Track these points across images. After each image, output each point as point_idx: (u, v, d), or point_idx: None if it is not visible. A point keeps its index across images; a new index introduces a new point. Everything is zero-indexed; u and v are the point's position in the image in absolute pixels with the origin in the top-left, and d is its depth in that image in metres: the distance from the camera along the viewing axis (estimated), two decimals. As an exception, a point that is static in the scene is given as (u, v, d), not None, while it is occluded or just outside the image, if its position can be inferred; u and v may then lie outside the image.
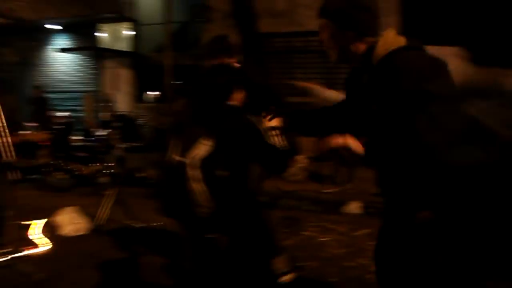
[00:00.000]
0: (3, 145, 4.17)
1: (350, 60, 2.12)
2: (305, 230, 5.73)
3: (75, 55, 16.32)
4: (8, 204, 4.62)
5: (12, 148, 4.21)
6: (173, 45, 9.94)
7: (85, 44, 15.68)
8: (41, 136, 4.75)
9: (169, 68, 9.44)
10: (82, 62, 16.33)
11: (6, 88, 13.71)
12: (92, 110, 15.33)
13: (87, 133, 11.44)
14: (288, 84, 6.43)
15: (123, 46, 15.13)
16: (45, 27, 16.36)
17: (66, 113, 14.15)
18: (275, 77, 9.90)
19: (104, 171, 8.46)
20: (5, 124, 4.24)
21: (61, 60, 16.74)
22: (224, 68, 2.93)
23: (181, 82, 10.34)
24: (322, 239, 5.42)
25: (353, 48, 2.06)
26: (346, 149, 1.80)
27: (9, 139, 4.22)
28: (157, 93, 14.17)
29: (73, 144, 10.57)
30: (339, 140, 1.81)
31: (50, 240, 5.10)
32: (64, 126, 12.66)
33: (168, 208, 2.73)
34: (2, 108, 4.30)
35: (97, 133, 9.68)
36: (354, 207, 6.64)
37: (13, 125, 4.44)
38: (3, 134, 4.21)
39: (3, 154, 4.15)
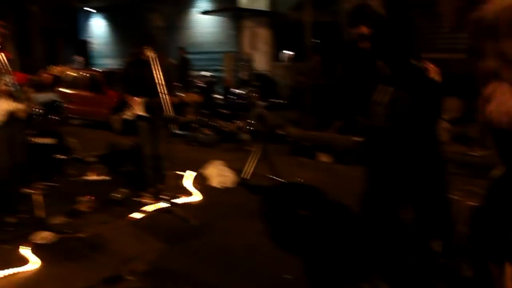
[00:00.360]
0: (164, 102, 4.52)
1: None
2: (451, 193, 5.42)
3: (215, 17, 16.98)
4: (166, 155, 5.06)
5: (170, 105, 4.56)
6: (312, 2, 9.78)
7: (225, 5, 16.17)
8: (194, 97, 5.04)
9: (308, 26, 9.33)
10: (222, 23, 16.94)
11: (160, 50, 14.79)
12: (231, 69, 15.93)
13: (228, 92, 11.94)
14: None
15: (262, 6, 15.31)
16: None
17: (208, 73, 14.92)
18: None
19: (245, 128, 8.83)
20: (163, 83, 4.59)
21: (202, 22, 17.54)
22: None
23: (319, 40, 10.22)
24: (469, 203, 5.09)
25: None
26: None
27: (167, 97, 4.57)
28: (292, 52, 14.24)
29: (216, 102, 11.12)
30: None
31: (200, 190, 5.53)
32: (206, 85, 13.39)
33: None
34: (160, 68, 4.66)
35: (238, 92, 10.07)
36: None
37: (168, 85, 4.78)
38: (163, 91, 4.57)
39: (164, 110, 4.51)
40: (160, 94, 4.61)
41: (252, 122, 9.10)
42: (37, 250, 3.80)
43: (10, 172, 4.27)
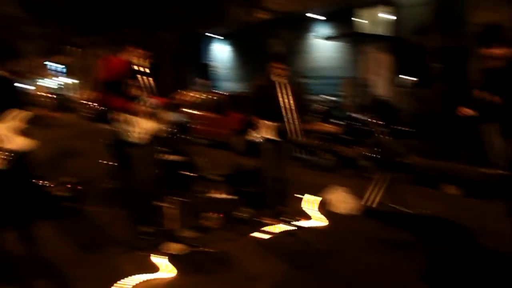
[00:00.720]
0: (292, 126, 4.63)
1: None
2: None
3: (335, 42, 17.05)
4: (288, 178, 5.16)
5: (299, 129, 4.66)
6: (437, 26, 9.42)
7: (344, 30, 16.18)
8: (334, 129, 5.10)
9: (432, 51, 8.98)
10: (341, 48, 16.96)
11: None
12: (351, 95, 15.82)
13: (348, 117, 11.85)
14: None
15: (382, 31, 15.08)
16: (308, 17, 17.51)
17: (326, 98, 14.96)
18: None
19: (366, 155, 8.68)
20: (292, 107, 4.72)
21: (321, 47, 17.71)
22: None
23: (443, 65, 9.78)
24: None
25: None
26: None
27: (296, 121, 4.67)
28: (415, 78, 13.77)
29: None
30: None
31: (323, 215, 5.52)
32: (325, 111, 13.42)
33: None
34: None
35: (358, 117, 9.95)
36: None
37: (298, 109, 4.91)
38: (291, 115, 4.69)
39: (292, 134, 4.61)
40: (287, 118, 4.74)
41: (373, 149, 8.92)
42: (171, 260, 4.07)
43: (148, 185, 4.64)
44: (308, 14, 17.23)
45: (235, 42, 22.62)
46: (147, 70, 4.52)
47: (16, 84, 4.67)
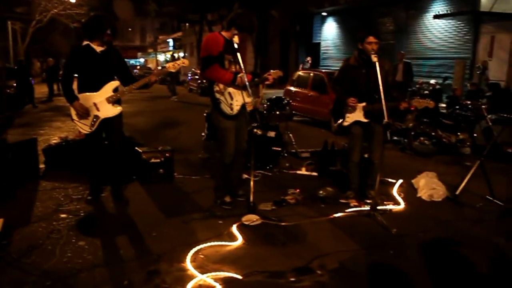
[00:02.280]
0: (384, 108, 4.44)
1: None
2: None
3: (450, 21, 15.94)
4: (379, 161, 5.01)
5: (387, 111, 4.47)
6: None
7: (462, 8, 15.05)
8: (427, 103, 4.78)
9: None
10: (456, 27, 15.82)
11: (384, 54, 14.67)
12: (462, 77, 14.79)
13: (454, 101, 11.12)
14: None
15: (506, 9, 13.74)
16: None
17: (434, 80, 14.14)
18: None
19: (468, 142, 8.12)
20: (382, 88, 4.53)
21: (435, 26, 16.66)
22: None
23: None
24: None
25: None
26: None
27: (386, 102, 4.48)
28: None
29: (439, 111, 10.47)
30: None
31: (404, 200, 5.31)
32: (430, 93, 12.70)
33: None
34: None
35: (465, 102, 9.32)
36: None
37: (388, 90, 4.71)
38: (383, 96, 4.50)
39: (384, 116, 4.44)
40: (380, 99, 4.57)
41: (476, 135, 8.31)
42: (242, 229, 4.20)
43: (235, 157, 4.79)
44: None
45: (345, 20, 22.13)
46: (247, 49, 4.63)
47: (125, 59, 5.09)
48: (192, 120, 12.12)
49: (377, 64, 4.69)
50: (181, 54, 47.96)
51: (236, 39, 4.53)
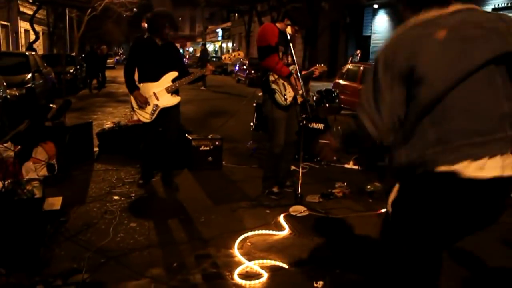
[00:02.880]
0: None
1: None
2: None
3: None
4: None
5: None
6: None
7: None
8: None
9: None
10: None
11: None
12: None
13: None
14: None
15: None
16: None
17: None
18: None
19: None
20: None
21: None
22: None
23: None
24: None
25: None
26: None
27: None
28: None
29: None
30: None
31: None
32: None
33: None
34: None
35: None
36: None
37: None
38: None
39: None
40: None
41: None
42: (289, 219, 4.23)
43: (285, 148, 4.82)
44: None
45: (397, 13, 21.57)
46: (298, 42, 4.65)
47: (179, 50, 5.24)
48: (239, 110, 12.21)
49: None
50: (230, 44, 48.34)
51: (289, 30, 4.54)
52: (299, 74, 4.56)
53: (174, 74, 4.83)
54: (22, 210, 3.45)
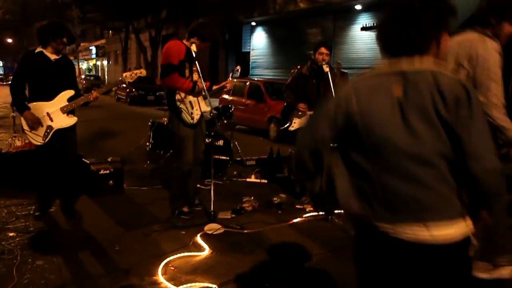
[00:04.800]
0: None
1: None
2: None
3: (375, 33, 16.82)
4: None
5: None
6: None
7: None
8: None
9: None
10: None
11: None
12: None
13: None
14: None
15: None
16: (349, 7, 17.29)
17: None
18: None
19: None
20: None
21: (362, 38, 17.49)
22: None
23: None
24: None
25: None
26: None
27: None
28: None
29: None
30: None
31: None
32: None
33: None
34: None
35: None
36: None
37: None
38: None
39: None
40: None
41: None
42: (207, 239, 4.18)
43: (192, 167, 4.74)
44: (349, 4, 17.02)
45: (275, 30, 22.56)
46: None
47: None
48: (127, 130, 11.81)
49: (329, 74, 4.88)
50: (105, 62, 46.55)
51: (193, 47, 4.52)
52: (207, 91, 4.55)
53: (70, 92, 4.51)
54: None
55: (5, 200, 5.26)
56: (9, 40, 57.40)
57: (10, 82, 4.61)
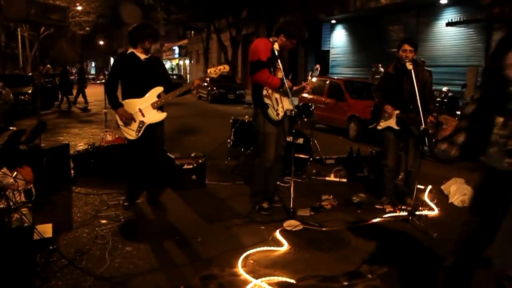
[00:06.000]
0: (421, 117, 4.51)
1: None
2: None
3: (461, 29, 15.99)
4: (414, 169, 5.06)
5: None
6: None
7: (474, 16, 15.10)
8: (452, 121, 4.84)
9: None
10: (468, 35, 15.87)
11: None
12: (474, 84, 14.82)
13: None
14: None
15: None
16: (433, 2, 16.58)
17: (446, 88, 14.15)
18: None
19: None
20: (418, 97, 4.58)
21: (447, 34, 16.71)
22: None
23: None
24: None
25: None
26: None
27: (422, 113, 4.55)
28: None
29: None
30: None
31: (437, 205, 5.35)
32: (446, 101, 12.73)
33: None
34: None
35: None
36: None
37: (424, 100, 4.76)
38: (419, 106, 4.55)
39: (422, 124, 4.50)
40: (414, 109, 4.64)
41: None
42: (286, 235, 4.22)
43: (273, 163, 4.82)
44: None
45: (355, 27, 22.18)
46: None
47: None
48: (208, 127, 12.18)
49: (412, 72, 4.73)
50: (187, 62, 48.15)
51: (276, 45, 4.58)
52: (288, 91, 4.61)
53: (159, 89, 4.75)
54: (13, 240, 3.28)
55: (98, 189, 5.63)
56: (101, 42, 61.19)
57: (103, 81, 4.94)
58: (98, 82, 31.43)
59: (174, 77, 35.82)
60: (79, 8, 27.83)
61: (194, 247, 3.97)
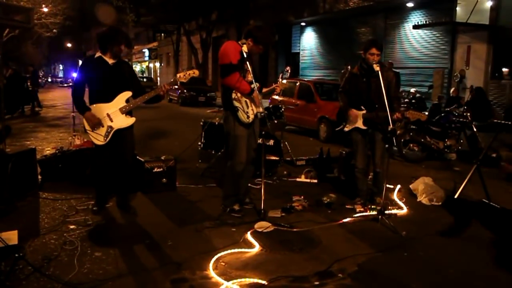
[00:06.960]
0: (388, 116, 4.60)
1: None
2: None
3: (428, 32, 16.36)
4: (382, 169, 5.16)
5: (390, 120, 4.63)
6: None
7: (440, 19, 15.47)
8: (420, 116, 4.95)
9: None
10: (434, 37, 16.25)
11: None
12: (441, 86, 15.19)
13: (438, 109, 11.43)
14: None
15: (481, 19, 14.19)
16: (400, 5, 16.92)
17: (414, 89, 14.44)
18: None
19: (454, 147, 8.36)
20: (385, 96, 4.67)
21: (413, 36, 17.07)
22: None
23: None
24: None
25: None
26: None
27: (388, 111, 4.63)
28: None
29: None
30: None
31: (406, 204, 5.46)
32: (414, 101, 13.01)
33: None
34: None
35: (449, 109, 9.59)
36: None
37: (389, 99, 4.85)
38: (385, 105, 4.64)
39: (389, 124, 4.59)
40: (380, 107, 4.73)
41: (462, 141, 8.56)
42: (257, 236, 4.23)
43: (245, 166, 4.82)
44: (401, 1, 16.66)
45: (324, 30, 22.41)
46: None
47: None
48: (179, 130, 12.12)
49: (379, 73, 4.82)
50: (157, 64, 47.74)
51: (244, 48, 4.59)
52: (258, 92, 4.63)
53: (127, 94, 4.69)
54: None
55: (66, 195, 5.53)
56: (69, 45, 60.03)
57: (70, 85, 4.86)
58: (65, 85, 30.89)
59: (144, 80, 35.48)
60: (45, 9, 27.22)
61: (165, 250, 3.94)
